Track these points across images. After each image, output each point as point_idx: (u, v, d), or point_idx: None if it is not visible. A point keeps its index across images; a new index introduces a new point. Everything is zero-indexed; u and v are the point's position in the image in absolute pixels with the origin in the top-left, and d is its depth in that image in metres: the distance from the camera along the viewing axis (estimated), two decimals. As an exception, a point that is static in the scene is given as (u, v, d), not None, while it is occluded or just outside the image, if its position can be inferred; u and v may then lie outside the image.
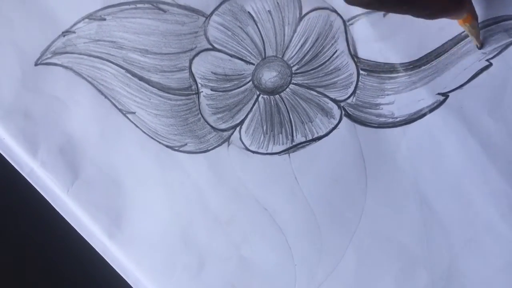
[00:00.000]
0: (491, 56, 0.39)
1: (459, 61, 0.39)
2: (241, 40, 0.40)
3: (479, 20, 0.38)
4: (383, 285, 0.38)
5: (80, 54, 0.41)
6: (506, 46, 0.39)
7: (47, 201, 0.41)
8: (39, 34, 0.41)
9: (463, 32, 0.39)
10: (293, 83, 0.40)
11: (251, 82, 0.40)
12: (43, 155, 0.40)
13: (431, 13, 0.34)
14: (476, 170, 0.38)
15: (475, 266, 0.38)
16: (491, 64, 0.39)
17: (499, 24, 0.39)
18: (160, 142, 0.40)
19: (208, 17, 0.40)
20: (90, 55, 0.41)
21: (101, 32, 0.41)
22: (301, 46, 0.40)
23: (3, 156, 0.41)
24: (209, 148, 0.40)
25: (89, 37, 0.41)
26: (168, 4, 0.40)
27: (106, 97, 0.41)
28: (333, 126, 0.39)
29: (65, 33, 0.41)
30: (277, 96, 0.40)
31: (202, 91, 0.40)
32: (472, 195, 0.38)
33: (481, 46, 0.38)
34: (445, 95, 0.39)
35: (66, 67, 0.41)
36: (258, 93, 0.40)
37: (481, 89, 0.39)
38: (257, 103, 0.40)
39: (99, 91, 0.41)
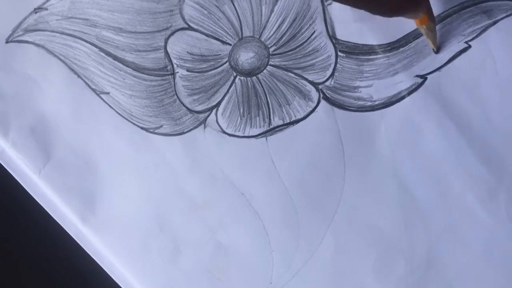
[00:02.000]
0: (470, 38, 0.38)
1: (437, 42, 0.39)
2: (218, 20, 0.40)
3: (456, 2, 0.38)
4: (361, 272, 0.38)
5: (53, 31, 0.40)
6: (485, 28, 0.38)
7: (18, 183, 0.40)
8: (10, 10, 0.40)
9: (442, 13, 0.38)
10: (270, 65, 0.39)
11: (227, 63, 0.39)
12: (14, 136, 0.40)
13: (387, 10, 0.34)
14: (455, 154, 0.38)
15: (454, 252, 0.37)
16: (469, 46, 0.38)
17: (478, 6, 0.38)
18: (134, 124, 0.40)
19: (184, -5, 0.40)
20: (62, 33, 0.40)
21: (74, 9, 0.40)
22: (279, 26, 0.39)
23: (-28, 137, 0.40)
24: (184, 131, 0.39)
25: (62, 14, 0.40)
26: (143, -18, 0.40)
27: (79, 76, 0.40)
28: (311, 109, 0.39)
29: (37, 9, 0.40)
30: (254, 77, 0.39)
31: (178, 72, 0.40)
32: (450, 181, 0.38)
33: (437, 50, 0.38)
34: (424, 78, 0.38)
35: (38, 45, 0.40)
36: (235, 74, 0.39)
37: (460, 71, 0.38)
38: (234, 84, 0.39)
39: (72, 70, 0.40)
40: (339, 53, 0.39)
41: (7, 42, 0.40)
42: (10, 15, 0.40)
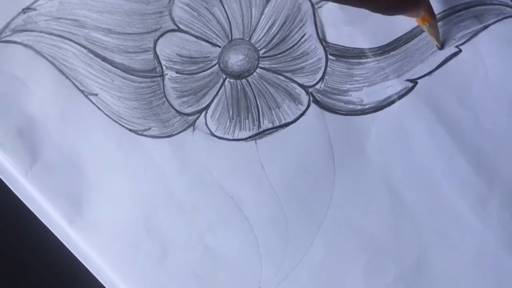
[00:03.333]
0: (460, 42, 0.38)
1: (428, 46, 0.38)
2: (207, 22, 0.39)
3: (448, 5, 0.38)
4: (351, 277, 0.38)
5: (41, 32, 0.40)
6: (476, 33, 0.38)
7: (5, 184, 0.40)
8: (-2, 10, 0.40)
9: (433, 17, 0.39)
10: (260, 67, 0.39)
11: (217, 65, 0.39)
12: (1, 137, 0.39)
13: (386, 8, 0.33)
14: (445, 159, 0.38)
15: (444, 258, 0.37)
16: (460, 51, 0.38)
17: (469, 10, 0.38)
18: (123, 126, 0.39)
19: (173, -4, 0.40)
20: (51, 34, 0.40)
21: (62, 10, 0.40)
22: (269, 29, 0.39)
23: (-41, 138, 0.40)
24: (173, 133, 0.39)
25: (50, 15, 0.40)
26: (133, -18, 0.40)
27: (67, 77, 0.40)
28: (301, 112, 0.39)
29: (26, 10, 0.40)
30: (244, 80, 0.39)
31: (167, 74, 0.39)
32: (441, 186, 0.38)
33: (441, 46, 0.38)
34: (414, 82, 0.38)
35: (26, 46, 0.40)
36: (224, 77, 0.39)
37: (450, 76, 0.38)
38: (223, 87, 0.39)
39: (60, 71, 0.40)
40: (330, 56, 0.39)
41: (-6, 42, 0.41)
42: (-2, 15, 0.40)
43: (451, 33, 0.39)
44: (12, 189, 0.40)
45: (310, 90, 0.39)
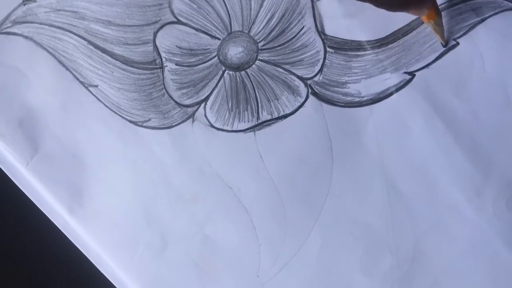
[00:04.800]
0: (458, 35, 0.38)
1: (426, 39, 0.39)
2: (207, 14, 0.39)
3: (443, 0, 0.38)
4: (348, 267, 0.38)
5: (41, 23, 0.40)
6: (473, 26, 0.38)
7: (5, 174, 0.40)
8: (-1, 2, 0.40)
9: (431, 10, 0.39)
10: (259, 60, 0.39)
11: (216, 58, 0.39)
12: (2, 128, 0.40)
13: (393, 4, 0.33)
14: (442, 151, 0.38)
15: (440, 247, 0.37)
16: (458, 44, 0.38)
17: (467, 3, 0.38)
18: (123, 117, 0.39)
19: (173, -11, 0.40)
20: (51, 25, 0.40)
21: (62, 2, 0.40)
22: (268, 21, 0.39)
23: (-40, 128, 0.40)
24: (173, 124, 0.39)
25: (50, 7, 0.40)
26: (132, -26, 0.40)
27: (67, 69, 0.40)
28: (299, 104, 0.39)
29: (26, 1, 0.40)
30: (243, 72, 0.39)
31: (167, 66, 0.40)
32: (437, 177, 0.38)
33: (446, 43, 0.38)
34: (412, 74, 0.38)
35: (26, 37, 0.40)
36: (223, 69, 0.39)
37: (448, 68, 0.38)
38: (222, 79, 0.39)
39: (61, 62, 0.40)
40: (328, 49, 0.39)
41: (-5, 34, 0.41)
42: (-2, 7, 0.40)
43: (448, 26, 0.39)
44: (13, 180, 0.40)
45: (308, 82, 0.39)
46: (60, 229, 0.40)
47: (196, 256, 0.39)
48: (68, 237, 0.40)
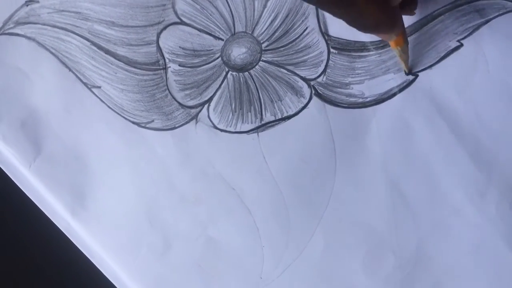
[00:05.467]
0: (462, 36, 0.38)
1: (429, 40, 0.39)
2: (210, 15, 0.39)
3: (447, 1, 0.38)
4: (351, 268, 0.38)
5: (44, 24, 0.40)
6: (477, 27, 0.38)
7: (8, 176, 0.40)
8: (1, 3, 0.40)
9: (434, 11, 0.38)
10: (262, 60, 0.39)
11: (220, 58, 0.39)
12: (4, 129, 0.40)
13: (362, 27, 0.34)
14: (445, 152, 0.38)
15: (443, 249, 0.37)
16: (461, 45, 0.38)
17: (471, 4, 0.38)
18: (126, 118, 0.39)
19: (176, -11, 0.40)
20: (54, 26, 0.40)
21: (65, 2, 0.40)
22: (271, 22, 0.39)
23: (-38, 130, 0.40)
24: (176, 125, 0.39)
25: (53, 7, 0.40)
26: (135, -25, 0.40)
27: (70, 70, 0.40)
28: (302, 105, 0.39)
29: (29, 2, 0.40)
30: (246, 73, 0.39)
31: (170, 66, 0.39)
32: (440, 178, 0.38)
33: (409, 72, 0.38)
34: (415, 75, 0.39)
35: (29, 38, 0.40)
36: (227, 69, 0.39)
37: (451, 69, 0.38)
38: (226, 80, 0.39)
39: (63, 63, 0.40)
40: (331, 50, 0.39)
41: (-3, 34, 0.41)
42: (1, 8, 0.40)
43: (452, 27, 0.39)
44: (15, 181, 0.40)
45: (312, 83, 0.39)
46: (63, 231, 0.40)
47: (199, 257, 0.39)
48: (71, 239, 0.40)
